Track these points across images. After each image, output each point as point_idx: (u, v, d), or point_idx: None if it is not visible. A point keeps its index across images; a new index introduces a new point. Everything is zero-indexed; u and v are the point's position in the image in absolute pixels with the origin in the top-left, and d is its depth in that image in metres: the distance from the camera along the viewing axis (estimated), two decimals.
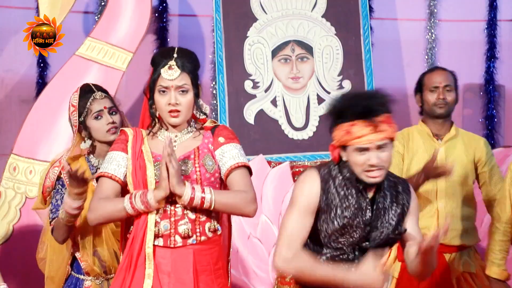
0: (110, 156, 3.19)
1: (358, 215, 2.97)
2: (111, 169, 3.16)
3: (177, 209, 3.11)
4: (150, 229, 3.08)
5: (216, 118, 5.35)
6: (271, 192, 4.87)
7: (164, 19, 5.79)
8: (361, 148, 2.89)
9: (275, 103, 5.34)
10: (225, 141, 3.21)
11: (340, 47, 5.45)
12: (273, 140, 5.27)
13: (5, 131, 5.63)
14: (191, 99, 3.18)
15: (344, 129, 2.90)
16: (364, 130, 2.87)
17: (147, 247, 3.08)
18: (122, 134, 3.25)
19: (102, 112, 3.71)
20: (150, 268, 3.07)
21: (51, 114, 4.88)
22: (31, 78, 5.67)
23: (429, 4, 6.02)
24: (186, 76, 3.18)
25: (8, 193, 4.84)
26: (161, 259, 3.10)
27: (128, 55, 5.03)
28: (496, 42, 6.01)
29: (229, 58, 5.35)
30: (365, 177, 2.93)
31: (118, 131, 3.63)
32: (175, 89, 3.15)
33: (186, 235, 3.11)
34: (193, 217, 3.12)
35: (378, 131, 2.87)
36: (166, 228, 3.10)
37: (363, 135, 2.87)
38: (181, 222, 3.11)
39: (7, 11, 5.66)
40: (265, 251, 4.83)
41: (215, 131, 3.25)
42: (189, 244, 3.12)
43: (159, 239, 3.10)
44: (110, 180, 3.14)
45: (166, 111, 3.15)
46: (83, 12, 5.76)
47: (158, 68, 3.18)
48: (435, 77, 4.30)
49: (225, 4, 5.38)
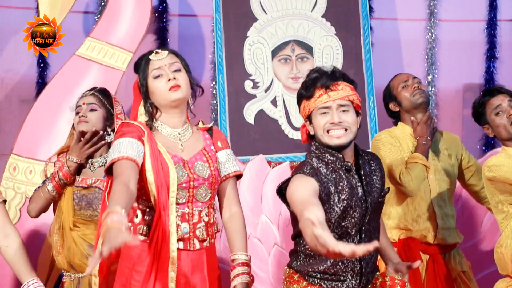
0: (127, 143, 3.02)
1: (353, 194, 3.05)
2: (131, 154, 2.99)
3: (194, 211, 3.12)
4: (172, 233, 3.06)
5: (216, 118, 5.35)
6: (271, 192, 4.87)
7: (164, 19, 5.79)
8: (322, 107, 3.06)
9: (275, 103, 5.34)
10: (223, 146, 3.27)
11: (340, 47, 5.45)
12: (273, 140, 5.27)
13: (5, 131, 5.63)
14: (187, 78, 3.17)
15: (308, 100, 3.10)
16: (324, 94, 3.08)
17: (171, 251, 3.05)
18: (131, 126, 3.10)
19: (81, 107, 3.93)
20: (173, 271, 3.06)
21: (51, 114, 4.88)
22: (31, 78, 5.67)
23: (429, 4, 6.02)
24: (174, 56, 3.19)
25: (8, 193, 4.84)
26: (181, 261, 3.10)
27: (128, 55, 5.03)
28: (496, 42, 6.02)
29: (229, 58, 5.35)
30: (328, 139, 3.06)
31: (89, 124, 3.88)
32: (169, 67, 3.14)
33: (204, 238, 3.13)
34: (206, 219, 3.15)
35: (337, 90, 3.08)
36: (186, 231, 3.09)
37: (322, 95, 3.08)
38: (198, 225, 3.12)
39: (7, 11, 5.65)
40: (265, 251, 4.83)
41: (213, 134, 3.27)
42: (205, 247, 3.15)
43: (180, 242, 3.09)
44: (133, 163, 2.97)
45: (166, 89, 3.12)
46: (83, 12, 5.76)
47: (145, 59, 3.18)
48: (400, 76, 4.35)
49: (225, 4, 5.38)
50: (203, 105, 5.45)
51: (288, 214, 4.79)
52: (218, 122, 5.25)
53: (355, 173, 3.11)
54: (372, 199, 3.11)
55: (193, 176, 3.10)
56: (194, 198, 3.11)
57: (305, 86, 3.13)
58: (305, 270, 3.10)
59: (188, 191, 3.10)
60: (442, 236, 4.20)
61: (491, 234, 4.95)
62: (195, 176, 3.11)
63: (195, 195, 3.11)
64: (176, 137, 3.17)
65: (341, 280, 3.08)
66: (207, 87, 5.58)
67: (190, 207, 3.10)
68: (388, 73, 4.51)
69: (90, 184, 3.87)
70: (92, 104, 3.91)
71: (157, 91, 3.14)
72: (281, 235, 4.83)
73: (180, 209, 3.09)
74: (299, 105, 3.19)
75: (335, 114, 3.06)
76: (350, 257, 2.54)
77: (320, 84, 3.09)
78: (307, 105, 3.12)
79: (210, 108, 5.62)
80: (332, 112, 3.07)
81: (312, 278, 3.09)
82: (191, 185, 3.10)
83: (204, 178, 3.12)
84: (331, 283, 3.08)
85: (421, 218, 4.19)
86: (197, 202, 3.12)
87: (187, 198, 3.09)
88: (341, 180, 3.06)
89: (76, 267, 3.83)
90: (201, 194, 3.13)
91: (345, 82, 3.12)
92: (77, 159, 3.86)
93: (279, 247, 4.82)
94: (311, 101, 3.10)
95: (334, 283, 3.08)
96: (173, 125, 3.18)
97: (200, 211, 3.12)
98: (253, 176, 4.86)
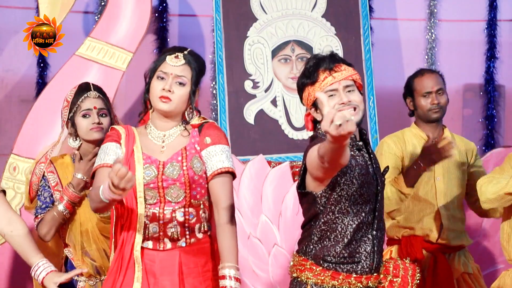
0: (106, 147, 3.13)
1: (368, 169, 3.09)
2: (109, 159, 3.09)
3: (165, 211, 3.10)
4: (138, 232, 3.06)
5: (216, 118, 5.35)
6: (271, 192, 4.87)
7: (164, 19, 5.79)
8: (329, 90, 3.06)
9: (275, 103, 5.34)
10: (212, 142, 3.17)
11: (340, 47, 5.45)
12: (273, 140, 5.27)
13: (5, 131, 5.63)
14: (186, 94, 3.15)
15: (312, 85, 3.09)
16: (329, 76, 3.07)
17: (135, 250, 3.06)
18: (113, 130, 3.19)
19: (91, 111, 3.71)
20: (139, 271, 3.06)
21: (51, 114, 4.87)
22: (31, 78, 5.67)
23: (429, 4, 6.02)
24: (189, 69, 3.16)
25: (8, 193, 4.82)
26: (149, 261, 3.09)
27: (128, 55, 5.03)
28: (496, 42, 6.02)
29: (229, 58, 5.35)
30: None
31: (103, 132, 3.66)
32: (173, 78, 3.13)
33: (176, 238, 3.10)
34: (181, 219, 3.11)
35: (340, 71, 3.09)
36: (155, 231, 3.08)
37: (327, 77, 3.07)
38: (169, 225, 3.09)
39: (7, 11, 5.65)
40: (265, 251, 4.83)
41: (202, 130, 3.20)
42: (178, 246, 3.12)
43: (148, 242, 3.09)
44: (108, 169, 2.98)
45: (157, 96, 3.11)
46: (83, 12, 5.76)
47: (165, 55, 3.18)
48: (426, 82, 4.27)
49: (225, 4, 5.38)
50: (203, 105, 5.45)
51: (288, 214, 4.83)
52: (218, 122, 5.25)
53: (366, 152, 3.14)
54: (380, 178, 3.15)
55: (161, 176, 3.09)
56: (165, 198, 3.09)
57: (307, 73, 3.12)
58: (320, 254, 3.06)
59: (158, 191, 3.09)
60: (446, 237, 4.19)
61: (491, 234, 4.96)
62: (164, 176, 3.09)
63: (166, 195, 3.09)
64: (160, 139, 3.16)
65: (356, 262, 3.05)
66: (207, 87, 5.58)
67: (161, 207, 3.09)
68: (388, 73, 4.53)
69: None
70: (104, 110, 3.74)
71: (152, 92, 3.15)
72: (281, 235, 4.83)
73: (151, 209, 3.08)
74: (302, 94, 3.16)
75: (343, 94, 3.07)
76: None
77: (323, 68, 3.09)
78: (312, 90, 3.10)
79: (210, 108, 5.62)
80: (339, 93, 3.07)
81: (327, 263, 3.05)
82: (159, 185, 3.09)
83: (173, 178, 3.09)
84: (346, 266, 3.05)
85: (426, 218, 4.19)
86: (170, 202, 3.10)
87: (158, 198, 3.09)
88: (355, 157, 3.08)
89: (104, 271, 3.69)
90: (173, 194, 3.10)
91: (345, 64, 3.15)
92: (85, 176, 3.66)
93: (279, 247, 4.82)
94: (316, 86, 3.08)
95: (350, 266, 3.05)
96: (161, 127, 3.18)
97: (172, 211, 3.09)
98: (253, 176, 4.85)
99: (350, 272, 3.05)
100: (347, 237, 3.04)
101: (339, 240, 3.05)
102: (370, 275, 3.07)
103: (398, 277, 3.09)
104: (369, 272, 3.07)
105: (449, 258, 4.23)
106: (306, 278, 3.07)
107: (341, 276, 3.04)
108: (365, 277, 3.06)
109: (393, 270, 3.11)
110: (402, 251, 4.21)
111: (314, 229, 3.09)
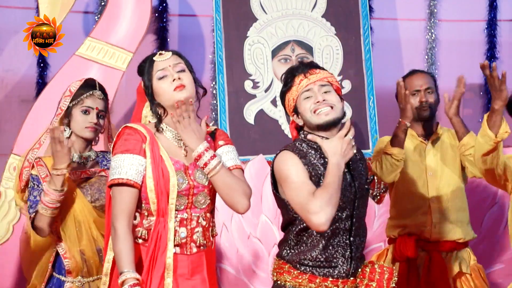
0: (129, 160, 3.05)
1: (345, 176, 3.12)
2: (132, 175, 3.03)
3: (192, 217, 3.12)
4: (170, 240, 3.05)
5: (216, 118, 5.35)
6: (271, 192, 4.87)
7: (164, 19, 5.80)
8: (305, 91, 3.18)
9: (275, 103, 5.34)
10: (225, 143, 3.24)
11: (340, 47, 5.45)
12: (273, 140, 5.27)
13: (5, 131, 5.63)
14: (191, 78, 3.15)
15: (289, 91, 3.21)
16: (304, 78, 3.20)
17: (167, 257, 3.05)
18: (136, 134, 3.11)
19: (92, 110, 3.72)
20: (169, 277, 3.05)
21: (51, 114, 4.86)
22: (31, 78, 5.67)
23: (429, 4, 6.03)
24: (179, 58, 3.18)
25: (8, 193, 4.84)
26: (179, 265, 3.09)
27: (128, 55, 5.03)
28: (496, 42, 6.02)
29: (229, 58, 5.35)
30: (317, 118, 3.15)
31: (96, 133, 3.71)
32: (173, 68, 3.13)
33: (201, 243, 3.13)
34: (204, 224, 3.14)
35: (315, 74, 3.20)
36: (184, 236, 3.09)
37: (302, 80, 3.19)
38: (196, 230, 3.12)
39: (7, 11, 5.66)
40: (265, 251, 4.83)
41: (215, 136, 3.27)
42: (202, 250, 3.15)
43: (176, 247, 3.09)
44: (133, 190, 3.03)
45: (171, 90, 3.10)
46: (83, 12, 5.77)
47: (149, 61, 3.18)
48: (415, 80, 4.32)
49: (225, 4, 5.38)
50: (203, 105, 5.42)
51: None
52: (218, 122, 5.25)
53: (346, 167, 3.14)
54: (360, 185, 3.17)
55: (193, 183, 3.10)
56: (193, 204, 3.11)
57: (285, 82, 3.26)
58: (297, 258, 3.13)
59: (188, 198, 3.10)
60: (439, 231, 4.20)
61: (491, 234, 4.96)
62: (195, 183, 3.11)
63: (194, 202, 3.12)
64: (180, 140, 3.16)
65: (333, 266, 3.11)
66: (207, 87, 5.56)
67: (188, 213, 3.11)
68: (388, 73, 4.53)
69: (93, 172, 3.71)
70: (103, 112, 3.75)
71: (162, 92, 3.13)
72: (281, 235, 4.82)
73: (179, 214, 3.09)
74: (284, 104, 3.28)
75: (318, 94, 3.16)
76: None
77: (298, 73, 3.21)
78: (290, 95, 3.22)
79: (210, 108, 5.62)
80: (315, 93, 3.17)
81: (304, 266, 3.12)
82: (190, 192, 3.10)
83: (203, 185, 3.13)
84: (322, 270, 3.11)
85: (417, 212, 4.21)
86: (196, 208, 3.13)
87: (186, 204, 3.10)
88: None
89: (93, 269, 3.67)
90: (200, 201, 3.13)
91: (322, 69, 3.25)
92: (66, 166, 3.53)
93: None
94: (293, 90, 3.21)
95: (326, 270, 3.11)
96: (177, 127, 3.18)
97: (198, 217, 3.12)
98: (253, 176, 4.85)
99: (327, 276, 3.11)
100: (322, 243, 3.10)
101: (315, 244, 3.12)
102: (347, 280, 3.14)
103: (373, 281, 3.14)
104: (345, 276, 3.13)
105: (445, 257, 4.23)
106: (284, 281, 3.15)
107: (317, 279, 3.11)
108: (342, 281, 3.12)
109: (369, 274, 3.17)
110: (396, 250, 4.23)
111: (291, 234, 3.17)
